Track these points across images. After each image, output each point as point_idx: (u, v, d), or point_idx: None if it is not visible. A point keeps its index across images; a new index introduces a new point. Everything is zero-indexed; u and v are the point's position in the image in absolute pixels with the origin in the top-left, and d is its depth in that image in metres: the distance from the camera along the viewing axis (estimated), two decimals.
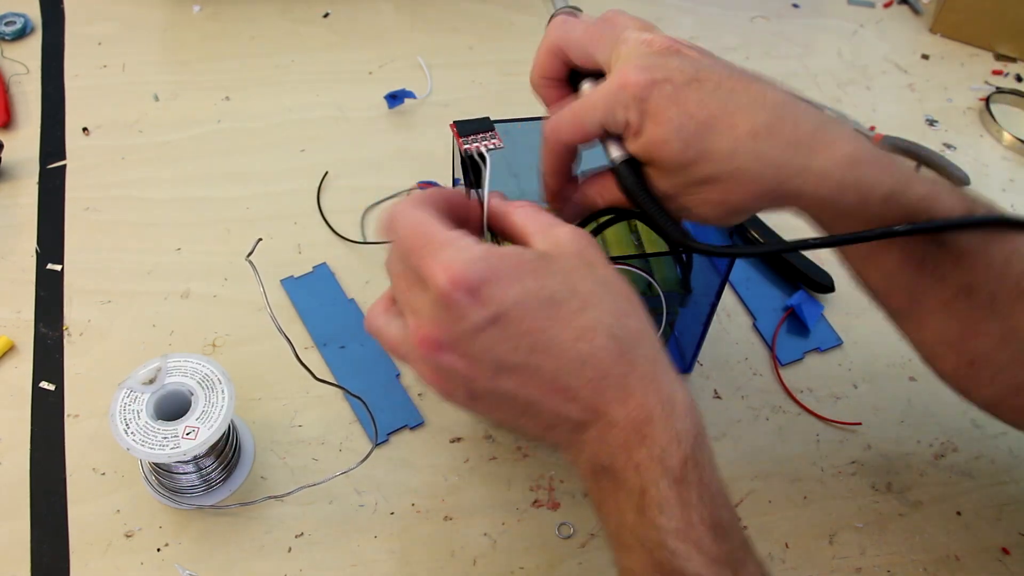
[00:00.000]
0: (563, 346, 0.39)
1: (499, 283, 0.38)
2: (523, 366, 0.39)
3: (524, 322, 0.38)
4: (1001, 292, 0.46)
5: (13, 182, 0.73)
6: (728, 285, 0.70)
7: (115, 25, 0.87)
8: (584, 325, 0.39)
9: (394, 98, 0.81)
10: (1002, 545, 0.58)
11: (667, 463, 0.38)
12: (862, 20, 0.96)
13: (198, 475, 0.55)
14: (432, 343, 0.39)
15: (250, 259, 0.62)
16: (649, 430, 0.39)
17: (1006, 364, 0.47)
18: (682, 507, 0.38)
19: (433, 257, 0.38)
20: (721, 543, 0.38)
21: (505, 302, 0.38)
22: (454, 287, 0.37)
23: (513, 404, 0.40)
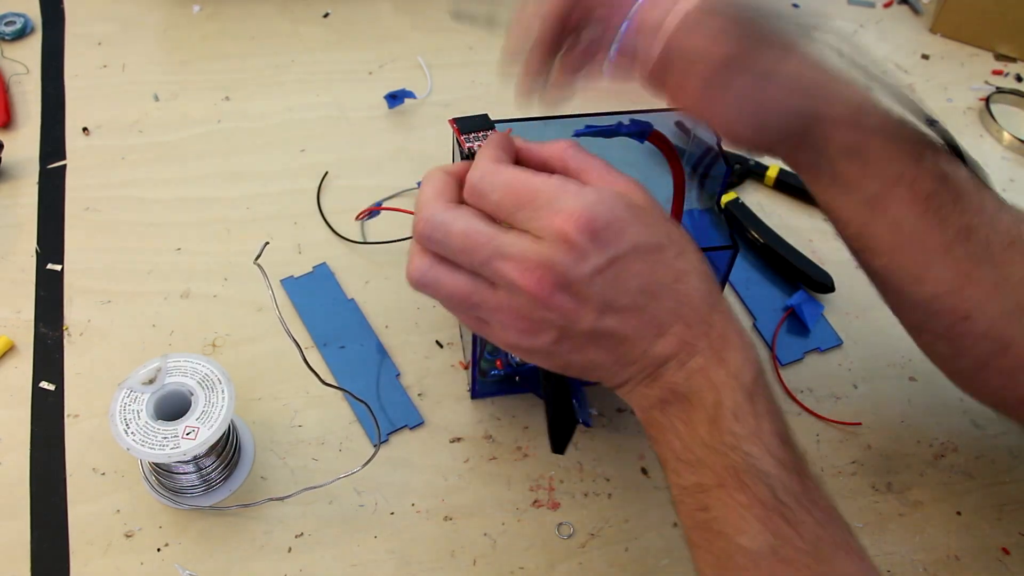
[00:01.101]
0: (665, 288, 0.42)
1: (617, 227, 0.41)
2: (629, 307, 0.42)
3: (636, 265, 0.41)
4: (994, 239, 0.48)
5: (13, 182, 0.73)
6: (728, 285, 0.70)
7: (115, 25, 0.87)
8: (681, 269, 0.42)
9: (394, 98, 0.81)
10: (1002, 545, 0.58)
11: (741, 379, 0.42)
12: (862, 20, 0.96)
13: (198, 475, 0.55)
14: (548, 284, 0.40)
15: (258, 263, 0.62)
16: (726, 354, 0.42)
17: (997, 317, 0.49)
18: (755, 416, 0.41)
19: (550, 207, 0.40)
20: (787, 450, 0.42)
21: (621, 246, 0.41)
22: (579, 231, 0.40)
23: (603, 344, 0.43)
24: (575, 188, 0.41)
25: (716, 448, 0.42)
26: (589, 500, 0.58)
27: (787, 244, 0.71)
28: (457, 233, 0.42)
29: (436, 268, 0.43)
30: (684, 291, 0.42)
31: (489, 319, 0.43)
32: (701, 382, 0.42)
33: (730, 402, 0.42)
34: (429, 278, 0.43)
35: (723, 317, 0.43)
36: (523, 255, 0.41)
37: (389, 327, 0.66)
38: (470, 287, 0.43)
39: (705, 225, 0.63)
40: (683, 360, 0.43)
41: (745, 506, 0.40)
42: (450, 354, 0.65)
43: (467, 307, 0.44)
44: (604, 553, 0.56)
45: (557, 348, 0.43)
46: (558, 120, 0.58)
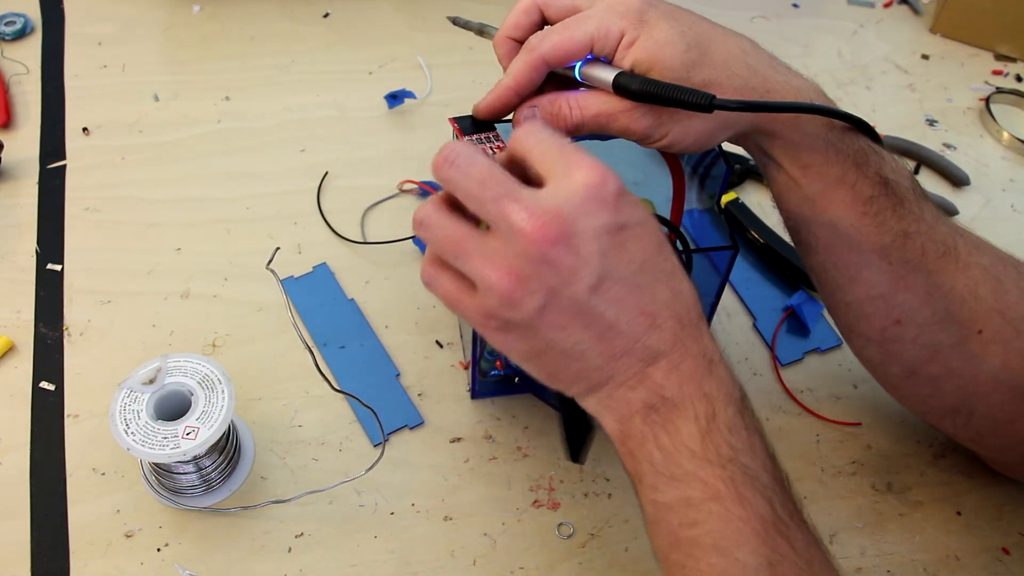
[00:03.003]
0: (663, 277, 0.41)
1: (631, 200, 0.41)
2: (627, 281, 0.40)
3: (641, 242, 0.41)
4: (930, 247, 0.50)
5: (13, 182, 0.73)
6: (728, 285, 0.70)
7: (115, 25, 0.87)
8: (676, 267, 0.42)
9: (394, 98, 0.81)
10: (1002, 545, 0.58)
11: (732, 394, 0.42)
12: (862, 20, 0.96)
13: (198, 475, 0.55)
14: (553, 229, 0.38)
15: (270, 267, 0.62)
16: (715, 368, 0.42)
17: (927, 322, 0.51)
18: (746, 431, 0.42)
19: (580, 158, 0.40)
20: (776, 468, 0.42)
21: (634, 217, 0.40)
22: (602, 185, 0.39)
23: (590, 322, 0.40)
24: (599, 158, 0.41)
25: (710, 460, 0.40)
26: (589, 500, 0.58)
27: (787, 244, 0.71)
28: (482, 164, 0.40)
29: (439, 210, 0.41)
30: (678, 288, 0.42)
31: (475, 275, 0.40)
32: (692, 390, 0.41)
33: (724, 414, 0.41)
34: (430, 218, 0.41)
35: (709, 332, 0.43)
36: (535, 200, 0.39)
37: (389, 327, 0.66)
38: (465, 233, 0.40)
39: (705, 225, 0.63)
40: (675, 362, 0.41)
41: (743, 519, 0.39)
42: (450, 354, 0.65)
43: (457, 255, 0.41)
44: (604, 553, 0.56)
45: (540, 320, 0.40)
46: None
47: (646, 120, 0.47)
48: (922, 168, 0.81)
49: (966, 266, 0.50)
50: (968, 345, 0.51)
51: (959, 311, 0.50)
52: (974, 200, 0.79)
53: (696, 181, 0.62)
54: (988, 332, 0.50)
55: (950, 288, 0.50)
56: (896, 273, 0.50)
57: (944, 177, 0.80)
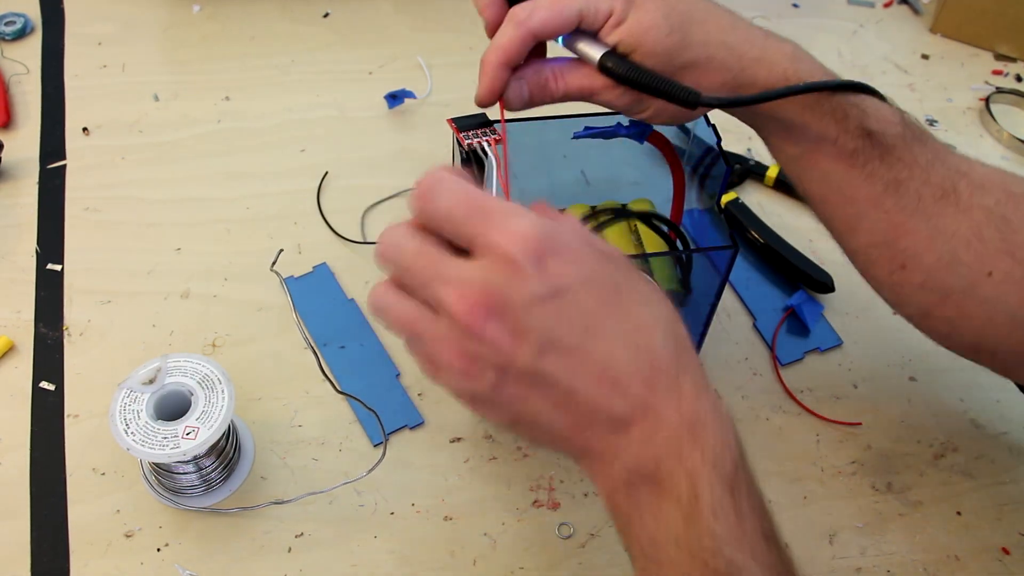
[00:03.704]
0: (620, 335, 0.37)
1: (567, 257, 0.37)
2: (575, 348, 0.37)
3: (585, 302, 0.37)
4: (926, 192, 0.49)
5: (13, 182, 0.73)
6: (728, 285, 0.70)
7: (115, 25, 0.87)
8: (643, 319, 0.38)
9: (394, 98, 0.81)
10: (1002, 545, 0.58)
11: (720, 468, 0.37)
12: (862, 20, 0.96)
13: (198, 475, 0.55)
14: (482, 309, 0.36)
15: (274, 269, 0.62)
16: (701, 432, 0.37)
17: (933, 267, 0.50)
18: (736, 515, 0.37)
19: (496, 223, 0.37)
20: (772, 551, 0.38)
21: (568, 277, 0.37)
22: (523, 252, 0.36)
23: (548, 393, 0.38)
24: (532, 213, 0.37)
25: (693, 552, 0.37)
26: (589, 500, 0.58)
27: (787, 244, 0.71)
28: (409, 251, 0.39)
29: (390, 291, 0.40)
30: (645, 344, 0.38)
31: (434, 355, 0.39)
32: (673, 465, 0.37)
33: (708, 496, 0.36)
34: (381, 300, 0.40)
35: (695, 386, 0.38)
36: (460, 277, 0.37)
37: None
38: (416, 315, 0.39)
39: (705, 225, 0.63)
40: (647, 431, 0.37)
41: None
42: None
43: (413, 336, 0.40)
44: (604, 553, 0.56)
45: (499, 395, 0.38)
46: (557, 120, 0.58)
47: (628, 97, 0.49)
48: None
49: (968, 208, 0.49)
50: (979, 289, 0.49)
51: (965, 254, 0.49)
52: None
53: (696, 181, 0.62)
54: (998, 274, 0.49)
55: (953, 232, 0.49)
56: (894, 221, 0.50)
57: None
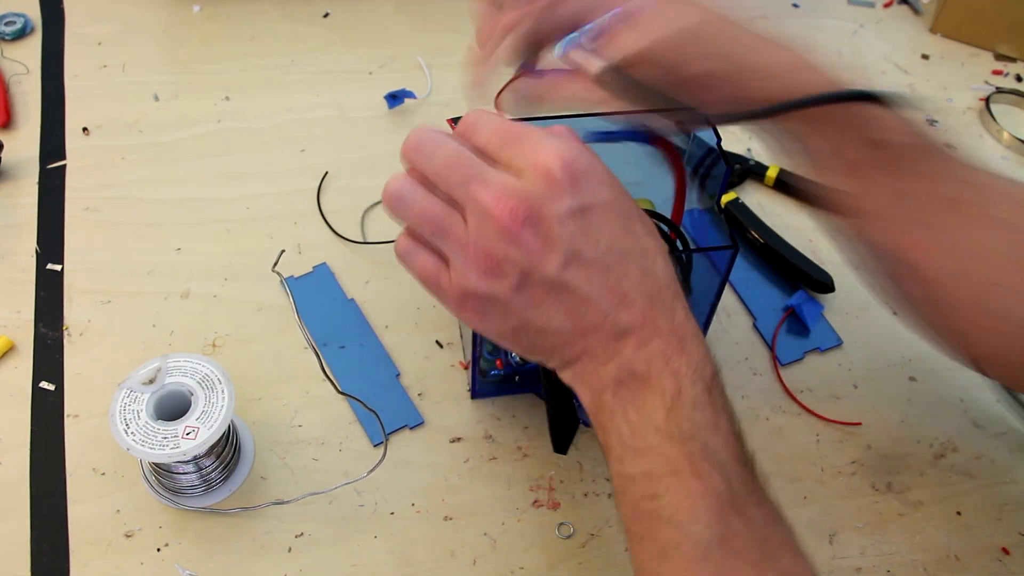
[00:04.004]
0: (632, 256, 0.42)
1: (597, 179, 0.41)
2: (596, 261, 0.41)
3: (607, 221, 0.41)
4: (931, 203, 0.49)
5: (13, 182, 0.73)
6: (728, 285, 0.70)
7: (115, 25, 0.87)
8: (649, 245, 0.43)
9: (394, 98, 0.81)
10: (1002, 545, 0.58)
11: (701, 372, 0.42)
12: (862, 20, 0.96)
13: (198, 475, 0.55)
14: (521, 214, 0.40)
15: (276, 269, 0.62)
16: (688, 345, 0.42)
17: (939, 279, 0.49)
18: (712, 409, 0.41)
19: (535, 142, 0.41)
20: (741, 447, 0.42)
21: (598, 198, 0.41)
22: (561, 168, 0.40)
23: (563, 299, 0.42)
24: (563, 136, 0.42)
25: (672, 435, 0.41)
26: (589, 500, 0.58)
27: (787, 244, 0.71)
28: (446, 150, 0.42)
29: (415, 186, 0.43)
30: (650, 267, 0.42)
31: (452, 254, 0.42)
32: (661, 367, 0.41)
33: (690, 392, 0.41)
34: (405, 192, 0.43)
35: (685, 311, 0.43)
36: (502, 183, 0.40)
37: (389, 327, 0.66)
38: (443, 211, 0.42)
39: (705, 225, 0.63)
40: (644, 339, 0.42)
41: (700, 494, 0.40)
42: (450, 354, 0.65)
43: (434, 232, 0.43)
44: (604, 553, 0.56)
45: (515, 298, 0.42)
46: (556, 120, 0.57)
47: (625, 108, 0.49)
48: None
49: (975, 218, 0.48)
50: (986, 300, 0.48)
51: (972, 265, 0.48)
52: None
53: (696, 181, 0.62)
54: (1006, 285, 0.48)
55: (959, 243, 0.48)
56: (898, 232, 0.49)
57: None
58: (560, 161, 0.40)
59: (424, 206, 0.42)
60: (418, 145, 0.42)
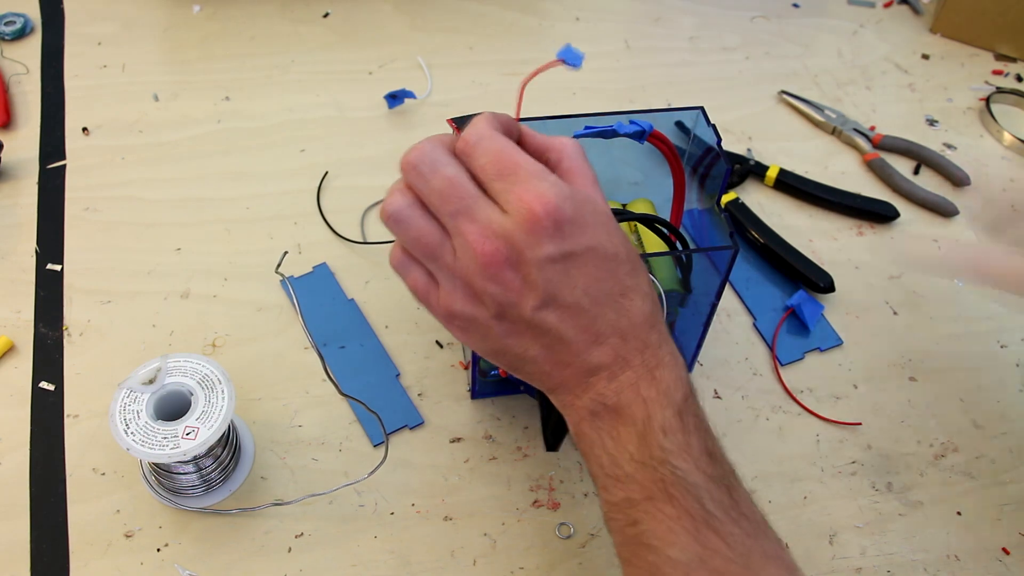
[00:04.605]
0: (610, 298, 0.42)
1: (580, 225, 0.41)
2: (571, 305, 0.42)
3: (587, 267, 0.42)
4: None
5: (13, 182, 0.73)
6: (728, 285, 0.70)
7: (115, 25, 0.87)
8: (629, 285, 0.43)
9: (394, 98, 0.81)
10: (1002, 545, 0.58)
11: (672, 397, 0.43)
12: (862, 20, 0.96)
13: (198, 475, 0.55)
14: (502, 255, 0.41)
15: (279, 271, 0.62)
16: (659, 372, 0.43)
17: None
18: (683, 432, 0.42)
19: (527, 184, 0.41)
20: (715, 465, 0.43)
21: (580, 244, 0.41)
22: (545, 216, 0.40)
23: (539, 336, 0.43)
24: (555, 178, 0.41)
25: (645, 462, 0.42)
26: (589, 500, 0.58)
27: (787, 244, 0.71)
28: (443, 175, 0.42)
29: (412, 208, 0.43)
30: (627, 307, 0.43)
31: (440, 277, 0.44)
32: (631, 396, 0.42)
33: (660, 418, 0.42)
34: (403, 215, 0.43)
35: (660, 337, 0.44)
36: (488, 221, 0.41)
37: (389, 327, 0.66)
38: (435, 238, 0.43)
39: (705, 225, 0.63)
40: (615, 372, 0.43)
41: (674, 518, 0.41)
42: (450, 354, 0.65)
43: (425, 256, 0.43)
44: (604, 553, 0.56)
45: (496, 325, 0.43)
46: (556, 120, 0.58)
47: None
48: (922, 168, 0.81)
49: None
50: None
51: None
52: (974, 200, 0.79)
53: (696, 181, 0.62)
54: None
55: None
56: None
57: (944, 177, 0.80)
58: (545, 207, 0.40)
59: (418, 230, 0.43)
60: (417, 164, 0.42)
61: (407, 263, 0.45)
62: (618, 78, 0.87)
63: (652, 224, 0.59)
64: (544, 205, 0.40)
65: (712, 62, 0.89)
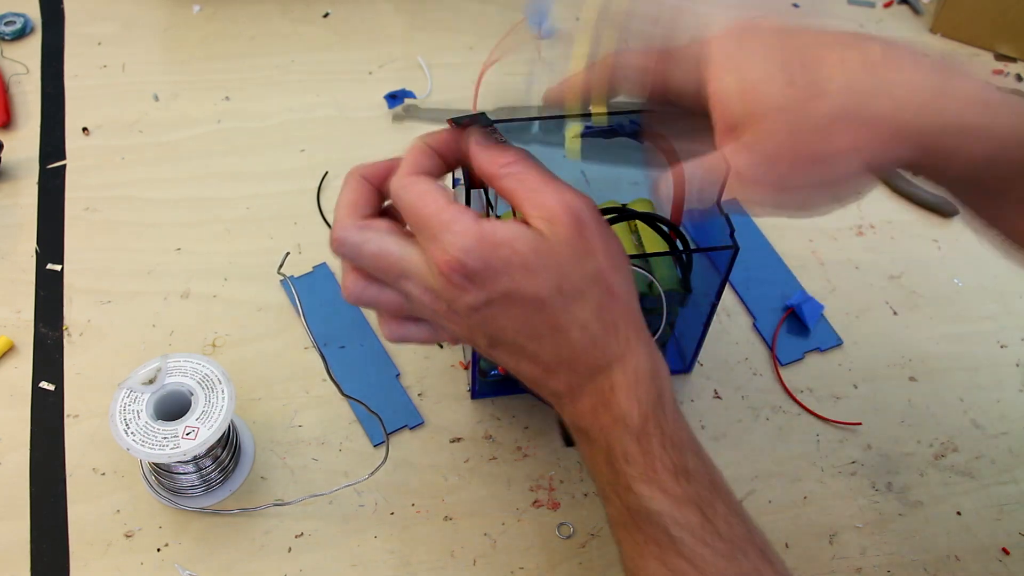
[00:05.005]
0: (543, 337, 0.42)
1: (491, 273, 0.41)
2: (511, 344, 0.43)
3: (510, 310, 0.42)
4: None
5: (13, 182, 0.73)
6: (728, 285, 0.70)
7: (115, 25, 0.87)
8: (561, 322, 0.42)
9: (394, 98, 0.81)
10: (1002, 545, 0.58)
11: (628, 422, 0.42)
12: (862, 20, 0.96)
13: (198, 475, 0.55)
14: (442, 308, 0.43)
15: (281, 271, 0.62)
16: (612, 398, 0.42)
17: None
18: (644, 456, 0.42)
19: (435, 241, 0.41)
20: (686, 485, 0.41)
21: (495, 291, 0.41)
22: (452, 272, 0.41)
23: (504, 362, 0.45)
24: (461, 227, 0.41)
25: (615, 487, 0.43)
26: (589, 500, 0.58)
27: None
28: (368, 255, 0.44)
29: (370, 288, 0.45)
30: (564, 342, 0.42)
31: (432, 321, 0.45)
32: (591, 422, 0.43)
33: (619, 446, 0.42)
34: (366, 297, 0.45)
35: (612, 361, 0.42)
36: (421, 277, 0.43)
37: None
38: (400, 300, 0.45)
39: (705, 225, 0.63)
40: (574, 398, 0.43)
41: (642, 543, 0.41)
42: (450, 354, 0.65)
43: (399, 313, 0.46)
44: (604, 553, 0.56)
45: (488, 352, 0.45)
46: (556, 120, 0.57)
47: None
48: None
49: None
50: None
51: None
52: None
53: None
54: None
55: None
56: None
57: None
58: (449, 265, 0.41)
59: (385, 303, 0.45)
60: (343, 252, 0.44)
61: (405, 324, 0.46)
62: None
63: (653, 223, 0.59)
64: (447, 263, 0.40)
65: None
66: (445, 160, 0.46)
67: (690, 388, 0.64)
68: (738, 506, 0.43)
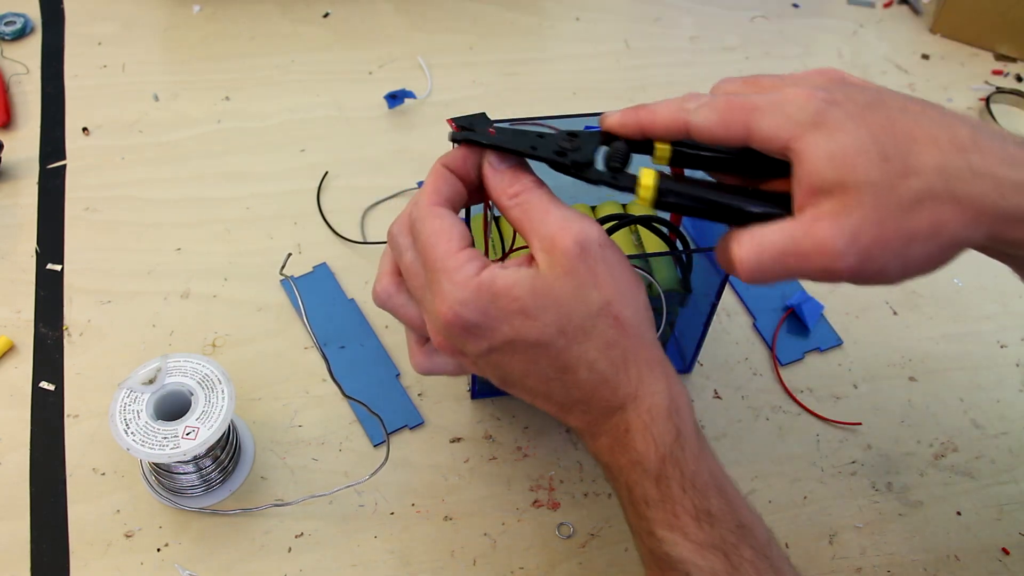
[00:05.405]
0: (551, 379, 0.43)
1: (490, 323, 0.41)
2: (520, 385, 0.44)
3: (515, 356, 0.42)
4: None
5: (13, 182, 0.73)
6: (728, 285, 0.70)
7: (115, 25, 0.87)
8: (567, 362, 0.42)
9: (394, 98, 0.81)
10: (1002, 545, 0.58)
11: (645, 465, 0.41)
12: (862, 20, 0.96)
13: (198, 475, 0.55)
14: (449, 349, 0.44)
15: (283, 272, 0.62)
16: (628, 439, 0.42)
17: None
18: (664, 500, 0.41)
19: (438, 287, 0.42)
20: (709, 530, 0.40)
21: (496, 340, 0.42)
22: (452, 324, 0.42)
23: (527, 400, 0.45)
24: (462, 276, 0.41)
25: (636, 529, 0.43)
26: (589, 500, 0.58)
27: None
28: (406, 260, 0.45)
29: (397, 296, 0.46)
30: (574, 382, 0.42)
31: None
32: (610, 460, 0.43)
33: (638, 488, 0.42)
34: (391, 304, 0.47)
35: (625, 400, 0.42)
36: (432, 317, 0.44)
37: (389, 327, 0.66)
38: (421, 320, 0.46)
39: (705, 225, 0.63)
40: (594, 434, 0.44)
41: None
42: None
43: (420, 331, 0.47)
44: (604, 553, 0.56)
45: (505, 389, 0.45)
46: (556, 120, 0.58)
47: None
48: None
49: None
50: None
51: None
52: None
53: None
54: None
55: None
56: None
57: None
58: (446, 317, 0.41)
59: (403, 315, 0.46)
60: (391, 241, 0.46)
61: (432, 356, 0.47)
62: (618, 78, 0.87)
63: (652, 224, 0.59)
64: (445, 315, 0.41)
65: (712, 62, 0.89)
66: (464, 182, 0.45)
67: (690, 388, 0.64)
68: (767, 547, 0.41)
